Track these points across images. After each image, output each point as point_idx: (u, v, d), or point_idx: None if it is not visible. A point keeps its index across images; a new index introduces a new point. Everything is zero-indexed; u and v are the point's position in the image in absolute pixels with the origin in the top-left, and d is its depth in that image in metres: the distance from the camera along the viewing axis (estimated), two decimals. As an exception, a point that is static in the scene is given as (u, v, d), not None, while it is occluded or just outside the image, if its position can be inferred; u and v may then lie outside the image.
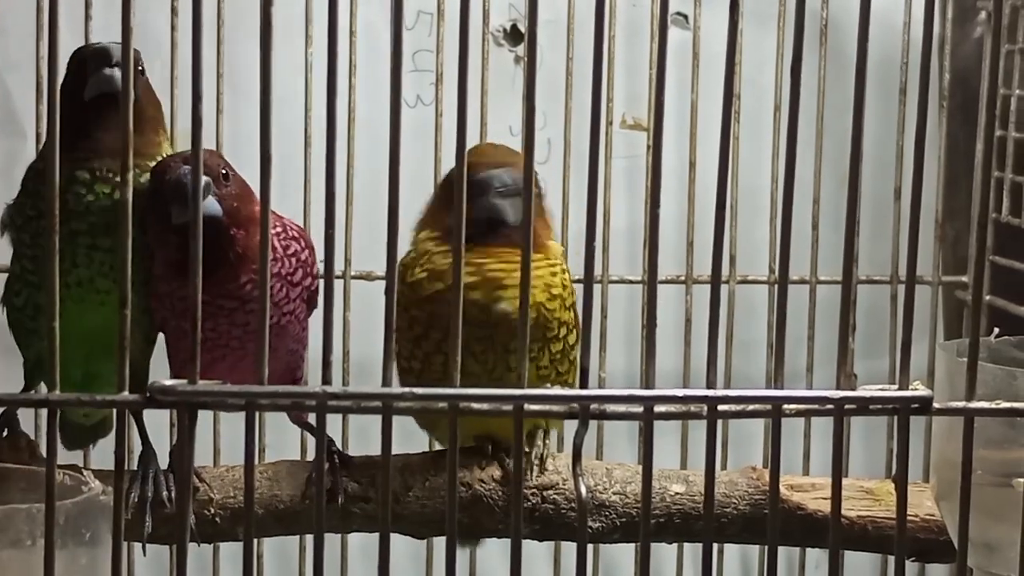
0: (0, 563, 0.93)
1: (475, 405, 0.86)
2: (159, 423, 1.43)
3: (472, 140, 1.36)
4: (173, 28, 1.63)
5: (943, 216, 1.76)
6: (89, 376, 1.39)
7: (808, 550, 1.75)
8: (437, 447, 1.56)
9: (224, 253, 1.32)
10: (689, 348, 1.72)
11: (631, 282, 1.71)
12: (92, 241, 1.34)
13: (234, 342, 1.34)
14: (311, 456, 1.55)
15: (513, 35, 1.83)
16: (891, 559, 1.70)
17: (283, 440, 1.63)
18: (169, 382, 0.84)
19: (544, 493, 1.38)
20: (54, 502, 0.85)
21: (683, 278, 1.72)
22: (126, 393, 0.85)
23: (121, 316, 0.85)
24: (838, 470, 0.89)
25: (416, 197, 1.50)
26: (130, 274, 0.84)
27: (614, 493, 1.38)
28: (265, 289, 0.83)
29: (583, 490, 0.88)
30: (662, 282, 1.56)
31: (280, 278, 1.36)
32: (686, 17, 1.71)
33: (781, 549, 1.67)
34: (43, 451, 1.33)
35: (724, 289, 1.72)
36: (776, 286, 1.71)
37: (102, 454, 1.62)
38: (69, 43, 1.01)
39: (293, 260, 1.38)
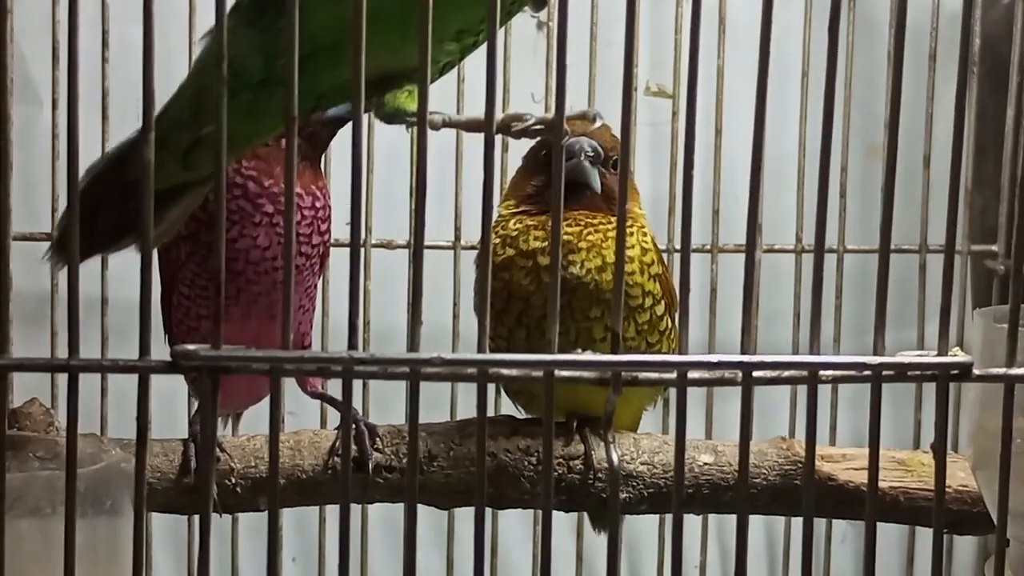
0: (20, 532, 0.92)
1: (504, 371, 0.84)
2: (171, 390, 1.41)
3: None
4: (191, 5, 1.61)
5: (972, 184, 1.74)
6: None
7: (834, 522, 1.73)
8: (460, 416, 1.55)
9: None
10: (715, 317, 1.70)
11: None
12: None
13: (259, 297, 1.33)
14: (332, 425, 1.54)
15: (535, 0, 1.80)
16: (920, 531, 1.69)
17: (304, 409, 1.61)
18: (192, 346, 0.82)
19: (571, 463, 1.36)
20: (75, 469, 0.83)
21: (709, 247, 1.71)
22: (149, 358, 0.83)
23: (143, 280, 0.83)
24: (875, 438, 0.86)
25: (440, 166, 1.48)
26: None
27: (641, 463, 1.36)
28: (291, 242, 0.81)
29: (615, 458, 0.87)
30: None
31: (312, 224, 1.35)
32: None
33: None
34: (60, 420, 1.32)
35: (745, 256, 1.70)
36: (802, 255, 1.71)
37: (118, 423, 1.62)
38: (86, 8, 1.00)
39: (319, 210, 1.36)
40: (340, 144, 1.52)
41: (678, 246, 1.58)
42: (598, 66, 1.65)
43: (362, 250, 1.61)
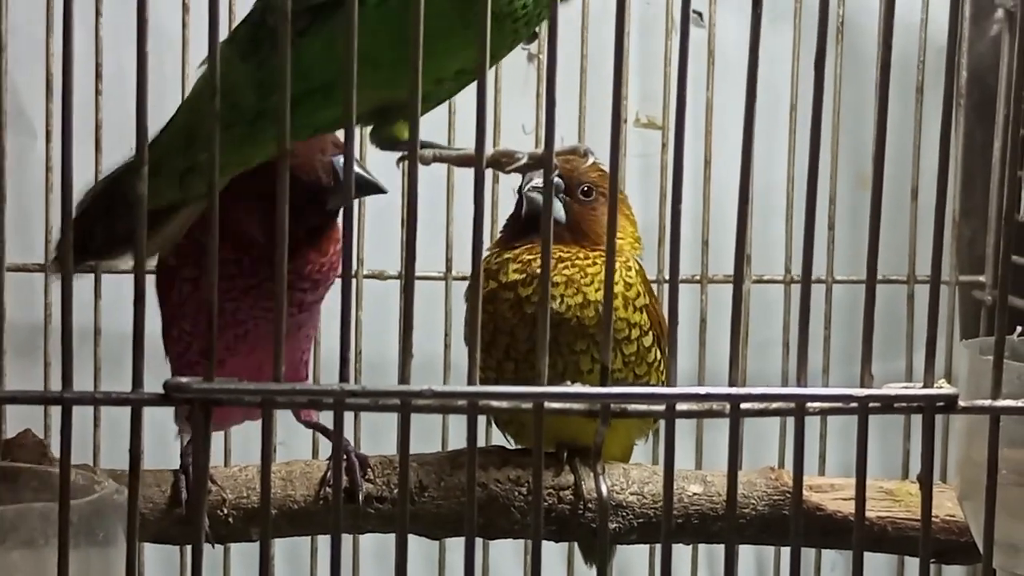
0: (12, 563, 0.92)
1: (494, 403, 0.85)
2: (164, 420, 1.41)
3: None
4: (184, 26, 1.61)
5: (959, 215, 1.75)
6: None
7: (823, 551, 1.74)
8: (452, 446, 1.55)
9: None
10: (704, 348, 1.70)
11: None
12: None
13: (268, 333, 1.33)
14: (324, 455, 1.54)
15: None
16: (908, 560, 1.69)
17: (295, 439, 1.62)
18: (185, 379, 0.83)
19: (560, 493, 1.36)
20: (68, 500, 0.84)
21: (698, 277, 1.71)
22: (142, 390, 0.84)
23: (136, 311, 0.84)
24: (862, 469, 0.87)
25: (431, 197, 1.49)
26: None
27: (631, 494, 1.37)
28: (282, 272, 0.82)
29: (604, 489, 0.88)
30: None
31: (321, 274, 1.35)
32: (701, 15, 1.70)
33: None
34: (54, 451, 1.32)
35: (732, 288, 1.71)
36: (791, 286, 1.72)
37: (111, 453, 1.62)
38: (80, 40, 1.00)
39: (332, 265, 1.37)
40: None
41: (667, 276, 1.59)
42: (588, 98, 1.66)
43: (354, 281, 1.63)
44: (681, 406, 0.86)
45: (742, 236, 0.88)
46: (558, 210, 1.38)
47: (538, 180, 1.35)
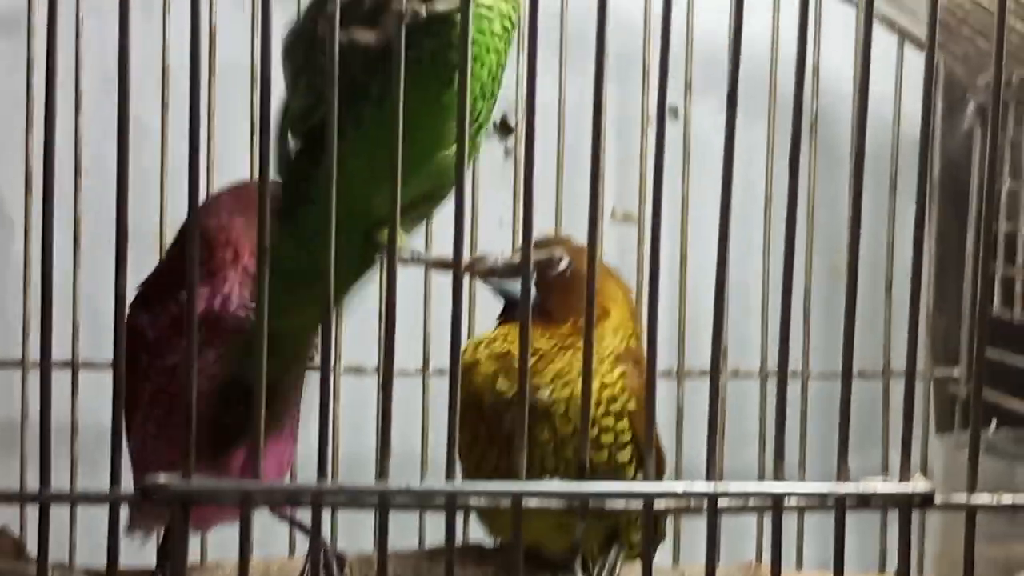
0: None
1: (472, 501, 0.85)
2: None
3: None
4: (164, 124, 1.62)
5: (933, 308, 1.76)
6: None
7: (801, 647, 1.73)
8: (430, 539, 1.55)
9: None
10: (681, 442, 1.70)
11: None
12: None
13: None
14: (301, 552, 1.54)
15: (503, 127, 1.83)
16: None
17: (272, 536, 1.61)
18: (163, 478, 0.83)
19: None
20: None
21: (675, 371, 1.72)
22: (119, 489, 0.84)
23: (115, 409, 0.84)
24: (840, 565, 0.88)
25: (409, 290, 1.50)
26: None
27: (609, 588, 1.37)
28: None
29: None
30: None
31: None
32: (676, 110, 1.71)
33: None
34: (31, 550, 1.31)
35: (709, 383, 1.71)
36: (767, 380, 1.72)
37: (87, 549, 1.61)
38: (60, 134, 1.01)
39: None
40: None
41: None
42: (565, 191, 1.67)
43: (331, 375, 1.63)
44: (660, 503, 0.86)
45: (719, 330, 0.89)
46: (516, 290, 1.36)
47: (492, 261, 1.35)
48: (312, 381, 1.36)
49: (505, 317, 1.40)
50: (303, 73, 1.08)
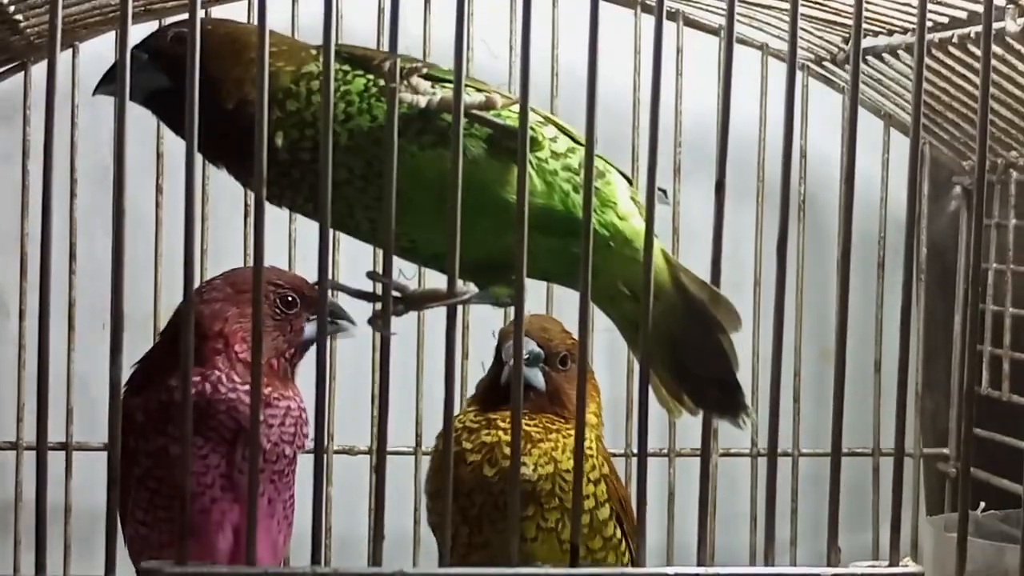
0: None
1: (466, 584, 0.86)
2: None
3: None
4: (158, 206, 1.63)
5: (922, 388, 1.77)
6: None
7: None
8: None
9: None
10: (672, 521, 1.71)
11: (615, 455, 1.71)
12: None
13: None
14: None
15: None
16: None
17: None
18: (157, 563, 0.84)
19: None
20: None
21: (665, 451, 1.72)
22: (113, 574, 0.84)
23: (110, 495, 0.85)
24: (831, 648, 0.88)
25: (401, 370, 1.50)
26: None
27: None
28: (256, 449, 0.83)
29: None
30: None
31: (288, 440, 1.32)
32: (665, 192, 1.73)
33: None
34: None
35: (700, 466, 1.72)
36: (757, 459, 1.73)
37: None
38: (54, 220, 1.03)
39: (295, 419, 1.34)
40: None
41: (635, 450, 1.60)
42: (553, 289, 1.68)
43: (324, 457, 1.64)
44: (650, 587, 0.87)
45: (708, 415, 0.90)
46: (537, 378, 1.38)
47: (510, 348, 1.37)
48: (304, 463, 1.36)
49: (503, 400, 1.40)
50: None
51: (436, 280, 1.08)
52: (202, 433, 1.24)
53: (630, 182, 1.15)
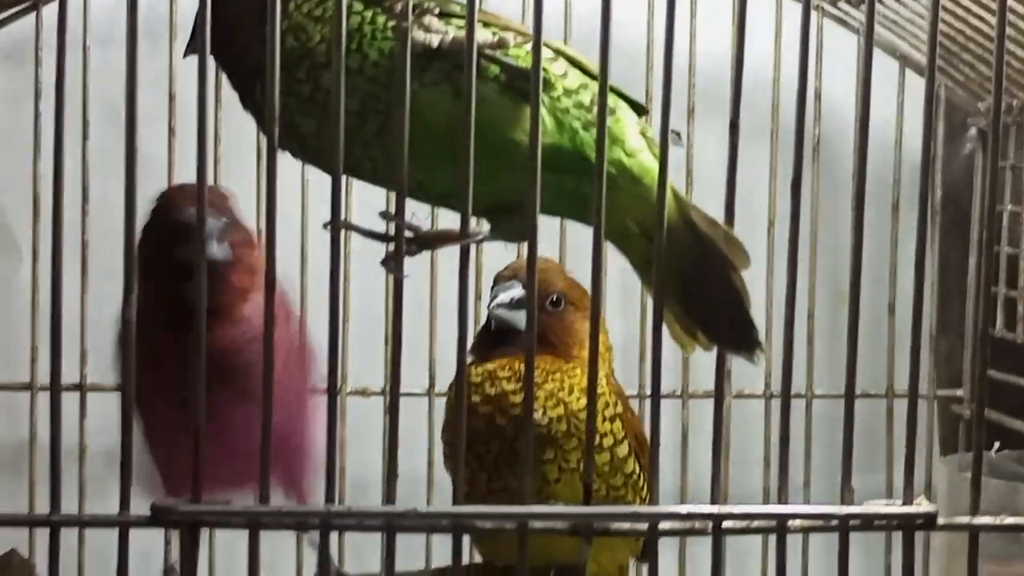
0: None
1: (478, 523, 0.86)
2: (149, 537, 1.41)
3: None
4: (170, 148, 1.63)
5: (936, 330, 1.77)
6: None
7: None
8: (436, 562, 1.55)
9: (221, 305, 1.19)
10: (686, 463, 1.71)
11: (629, 397, 1.71)
12: None
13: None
14: (308, 572, 1.54)
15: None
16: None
17: (280, 559, 1.62)
18: (170, 500, 0.84)
19: (545, 611, 1.36)
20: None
21: (679, 393, 1.73)
22: (128, 512, 0.85)
23: (124, 432, 0.85)
24: (843, 587, 0.88)
25: (414, 312, 1.51)
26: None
27: (616, 612, 1.37)
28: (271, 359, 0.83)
29: (588, 608, 0.89)
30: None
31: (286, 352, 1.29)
32: (679, 134, 1.72)
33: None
34: (40, 572, 1.32)
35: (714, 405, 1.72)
36: (771, 401, 1.73)
37: (96, 572, 1.62)
38: (68, 162, 1.02)
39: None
40: (320, 296, 1.54)
41: (649, 392, 1.60)
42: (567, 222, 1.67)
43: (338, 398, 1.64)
44: (664, 524, 0.87)
45: (723, 353, 0.90)
46: (521, 321, 1.38)
47: (504, 296, 1.36)
48: (319, 404, 1.37)
49: (495, 345, 1.40)
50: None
51: (449, 221, 1.08)
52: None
53: (643, 111, 1.14)
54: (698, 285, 1.04)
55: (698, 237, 1.05)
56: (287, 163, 1.54)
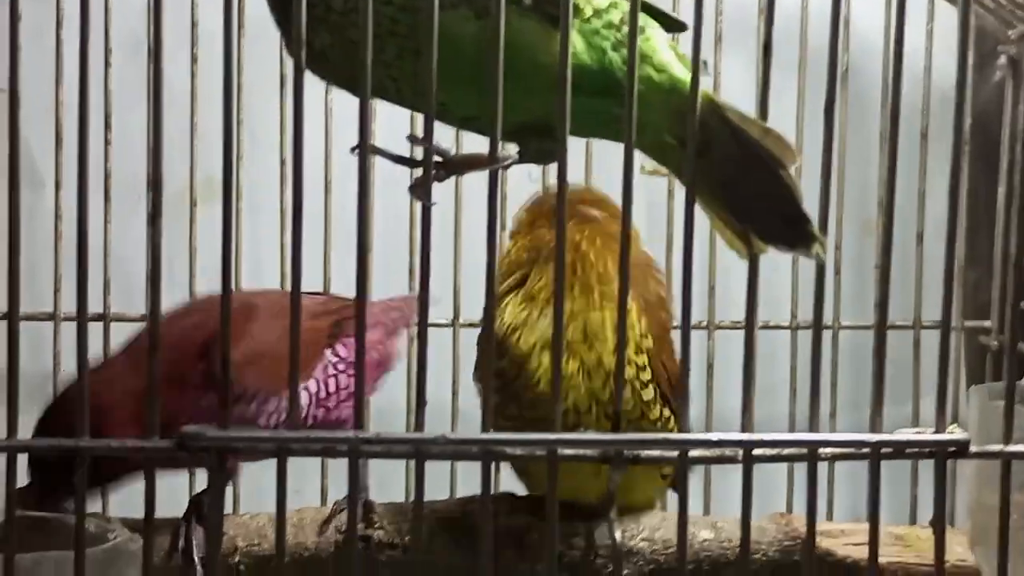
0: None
1: (508, 450, 0.86)
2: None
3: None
4: (193, 76, 1.62)
5: (964, 260, 1.76)
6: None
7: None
8: (460, 492, 1.55)
9: None
10: (711, 395, 1.71)
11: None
12: None
13: None
14: (333, 500, 1.54)
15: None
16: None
17: (307, 485, 1.62)
18: (199, 427, 0.84)
19: (571, 540, 1.36)
20: (84, 549, 0.84)
21: (705, 324, 1.72)
22: (156, 438, 0.84)
23: (151, 360, 0.85)
24: (875, 515, 0.88)
25: (438, 243, 1.50)
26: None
27: (642, 539, 1.36)
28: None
29: (618, 536, 0.88)
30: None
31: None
32: (706, 63, 1.71)
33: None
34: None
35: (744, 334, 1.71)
36: (798, 331, 1.72)
37: (119, 500, 1.62)
38: (92, 92, 1.02)
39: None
40: (344, 227, 1.53)
41: (675, 323, 1.59)
42: (594, 146, 1.66)
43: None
44: (694, 452, 0.86)
45: (754, 277, 0.89)
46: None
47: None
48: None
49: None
50: None
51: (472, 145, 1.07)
52: None
53: (676, 25, 1.12)
54: (746, 186, 1.03)
55: (740, 138, 1.03)
56: (310, 92, 1.53)
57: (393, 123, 1.40)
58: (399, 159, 1.07)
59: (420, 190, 0.94)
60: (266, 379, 1.26)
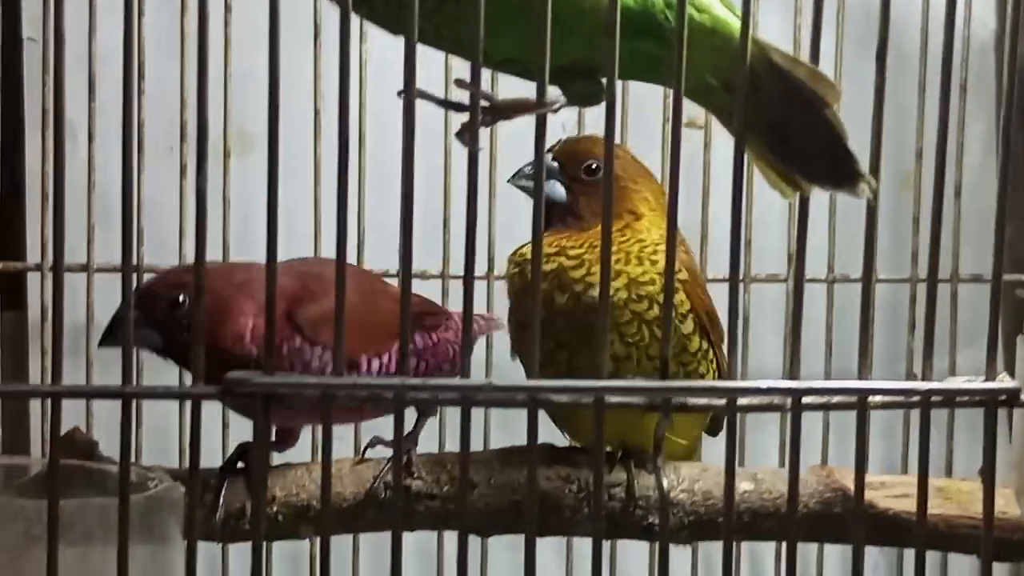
0: (70, 558, 0.92)
1: (554, 397, 0.85)
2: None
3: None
4: (227, 24, 1.61)
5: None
6: None
7: (865, 551, 1.73)
8: (494, 446, 1.55)
9: None
10: (747, 347, 1.70)
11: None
12: None
13: None
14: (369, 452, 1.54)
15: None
16: (952, 558, 1.69)
17: (346, 433, 1.61)
18: (245, 373, 0.83)
19: (611, 491, 1.35)
20: (128, 496, 0.84)
21: (741, 277, 1.71)
22: (201, 384, 0.84)
23: (195, 308, 0.84)
24: (924, 464, 0.87)
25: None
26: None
27: (682, 491, 1.35)
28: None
29: (664, 483, 0.88)
30: (719, 280, 1.54)
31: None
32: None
33: (837, 548, 1.65)
34: (102, 448, 1.32)
35: (782, 288, 1.70)
36: (833, 285, 1.72)
37: (151, 450, 1.62)
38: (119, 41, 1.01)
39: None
40: (388, 182, 1.53)
41: (710, 275, 1.59)
42: (631, 97, 1.65)
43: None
44: (742, 400, 0.85)
45: (802, 235, 0.88)
46: (556, 190, 1.36)
47: (528, 167, 1.35)
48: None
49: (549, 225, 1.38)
50: None
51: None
52: None
53: None
54: (791, 127, 1.02)
55: (784, 78, 1.02)
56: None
57: (430, 70, 1.39)
58: (446, 103, 1.06)
59: (467, 135, 0.93)
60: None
